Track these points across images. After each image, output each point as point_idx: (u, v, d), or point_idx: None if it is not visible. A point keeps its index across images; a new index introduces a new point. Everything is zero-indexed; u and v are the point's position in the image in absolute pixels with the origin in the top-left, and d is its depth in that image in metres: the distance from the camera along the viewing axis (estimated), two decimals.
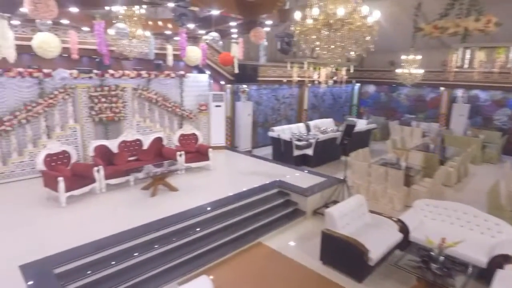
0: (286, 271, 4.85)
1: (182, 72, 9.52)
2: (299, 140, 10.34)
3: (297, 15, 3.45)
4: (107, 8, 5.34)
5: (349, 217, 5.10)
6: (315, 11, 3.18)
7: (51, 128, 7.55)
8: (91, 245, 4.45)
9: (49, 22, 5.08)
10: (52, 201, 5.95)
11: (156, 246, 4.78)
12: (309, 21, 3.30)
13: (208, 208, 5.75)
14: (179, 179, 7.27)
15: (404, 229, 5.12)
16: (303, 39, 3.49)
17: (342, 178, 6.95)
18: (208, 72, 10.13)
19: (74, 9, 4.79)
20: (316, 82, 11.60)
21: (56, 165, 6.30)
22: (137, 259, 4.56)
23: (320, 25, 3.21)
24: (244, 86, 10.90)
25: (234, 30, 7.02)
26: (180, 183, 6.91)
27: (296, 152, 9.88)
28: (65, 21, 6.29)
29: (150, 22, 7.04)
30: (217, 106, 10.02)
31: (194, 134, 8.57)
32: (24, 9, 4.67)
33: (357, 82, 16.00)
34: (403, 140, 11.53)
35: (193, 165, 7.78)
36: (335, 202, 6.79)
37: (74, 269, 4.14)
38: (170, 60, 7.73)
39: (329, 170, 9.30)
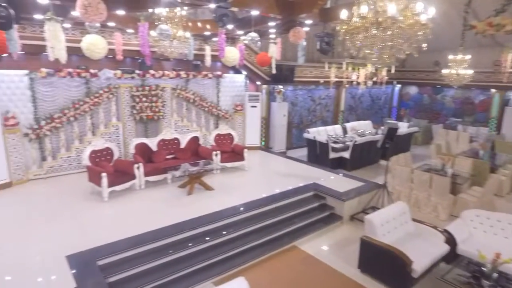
0: (323, 277, 4.70)
1: (219, 73, 9.62)
2: (335, 142, 10.07)
3: (343, 13, 3.31)
4: (150, 10, 5.50)
5: (390, 225, 4.85)
6: (364, 9, 3.03)
7: (95, 126, 7.93)
8: (130, 240, 4.58)
9: (98, 24, 5.34)
10: (95, 195, 6.23)
11: (190, 244, 4.83)
12: (356, 20, 3.15)
13: (243, 209, 5.73)
14: (214, 178, 7.34)
15: (450, 240, 4.78)
16: (349, 38, 3.34)
17: (382, 183, 6.64)
18: (244, 72, 10.16)
19: (120, 12, 4.99)
20: (354, 82, 11.24)
21: (100, 161, 6.60)
22: (173, 256, 4.63)
23: (368, 23, 3.05)
24: (280, 86, 10.81)
25: (272, 30, 6.97)
26: (215, 182, 6.97)
27: (332, 155, 9.63)
28: (111, 24, 6.57)
29: (190, 23, 7.16)
30: (252, 106, 10.01)
31: (229, 134, 8.62)
32: (76, 12, 4.93)
33: (398, 83, 15.32)
34: (448, 145, 10.85)
35: (228, 165, 7.83)
36: (373, 208, 6.52)
37: (114, 263, 4.28)
38: (208, 61, 7.83)
39: (366, 174, 8.96)
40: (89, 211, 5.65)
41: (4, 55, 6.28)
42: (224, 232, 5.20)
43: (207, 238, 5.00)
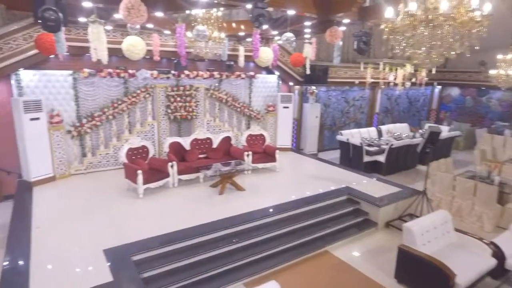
0: (356, 285, 4.53)
1: (251, 73, 9.63)
2: (369, 145, 9.74)
3: (389, 11, 3.14)
4: (187, 11, 5.59)
5: (430, 234, 4.58)
6: (413, 6, 2.85)
7: (132, 124, 8.20)
8: (164, 238, 4.66)
9: (138, 26, 5.50)
10: (131, 192, 6.43)
11: (220, 245, 4.83)
12: (403, 17, 2.98)
13: (274, 211, 5.67)
14: (245, 178, 7.33)
15: (498, 254, 4.43)
16: (394, 38, 3.17)
17: (421, 189, 6.31)
18: (277, 73, 10.09)
19: (159, 14, 5.11)
20: (391, 83, 10.81)
21: (136, 158, 6.80)
22: (204, 255, 4.66)
23: (417, 21, 2.87)
24: (313, 87, 10.63)
25: (307, 30, 6.84)
26: (246, 183, 6.95)
27: (366, 158, 9.31)
28: (149, 25, 6.75)
29: (224, 24, 7.21)
30: (285, 107, 9.92)
31: (261, 135, 8.59)
32: (118, 15, 5.11)
33: (438, 84, 14.57)
34: (494, 150, 10.14)
35: (260, 165, 7.79)
36: (411, 215, 6.22)
37: (148, 259, 4.37)
38: (241, 61, 7.85)
39: (402, 179, 8.58)
40: (125, 207, 5.83)
41: (51, 56, 6.67)
42: (255, 234, 5.16)
43: (236, 240, 4.98)
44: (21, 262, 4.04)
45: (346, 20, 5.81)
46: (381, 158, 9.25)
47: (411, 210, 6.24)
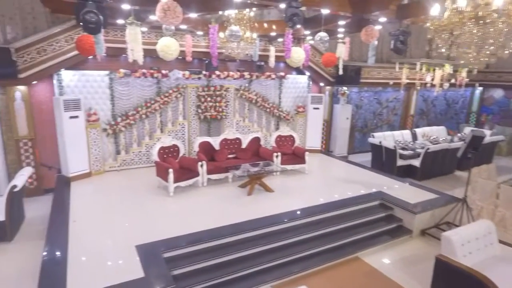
0: None
1: (282, 73, 9.55)
2: (404, 148, 9.37)
3: (435, 8, 2.96)
4: (220, 12, 5.62)
5: (472, 245, 4.29)
6: (462, 2, 2.65)
7: (164, 123, 8.38)
8: (193, 236, 4.70)
9: (173, 27, 5.60)
10: (161, 190, 6.57)
11: (249, 246, 4.80)
12: (450, 14, 2.79)
13: (304, 214, 5.57)
14: (274, 180, 7.26)
15: None
16: (439, 36, 2.98)
17: (460, 196, 5.96)
18: (307, 73, 9.95)
19: (193, 15, 5.18)
20: (428, 84, 10.33)
21: (167, 157, 6.93)
22: (233, 256, 4.64)
23: (466, 18, 2.67)
24: (344, 88, 10.37)
25: (340, 30, 6.67)
26: (275, 184, 6.89)
27: (400, 162, 8.95)
28: (183, 26, 6.87)
29: (256, 24, 7.19)
30: (315, 108, 9.75)
31: (291, 136, 8.49)
32: (154, 16, 5.23)
33: (480, 85, 13.75)
34: None
35: (289, 167, 7.69)
36: (449, 224, 5.90)
37: (178, 256, 4.42)
38: (272, 62, 7.79)
39: (438, 185, 8.16)
40: (156, 204, 5.96)
41: (90, 57, 6.96)
42: (284, 236, 5.09)
43: (264, 242, 4.93)
44: (59, 253, 4.23)
45: (382, 19, 5.59)
46: (416, 163, 8.85)
47: (449, 218, 5.91)
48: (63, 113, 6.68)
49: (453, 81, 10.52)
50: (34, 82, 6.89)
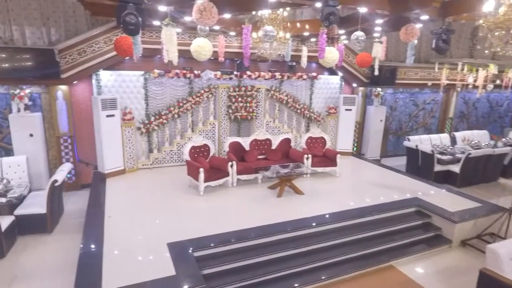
0: None
1: (314, 74, 9.38)
2: (442, 153, 8.90)
3: (489, 4, 2.74)
4: (253, 12, 5.59)
5: None
6: None
7: (195, 123, 8.50)
8: (223, 237, 4.71)
9: (207, 28, 5.65)
10: (192, 189, 6.65)
11: (278, 250, 4.73)
12: (505, 10, 2.58)
13: (333, 218, 5.42)
14: (304, 182, 7.14)
15: None
16: (493, 34, 2.77)
17: (507, 206, 5.55)
18: (340, 73, 9.71)
19: (227, 15, 5.20)
20: (470, 86, 9.74)
21: (198, 156, 7.01)
22: (261, 258, 4.59)
23: None
24: (379, 89, 10.02)
25: (377, 29, 6.43)
26: (305, 186, 6.77)
27: (438, 167, 8.51)
28: (216, 27, 6.92)
29: (288, 24, 7.10)
30: (347, 109, 9.50)
31: (322, 138, 8.31)
32: (188, 17, 5.29)
33: None
34: None
35: (319, 169, 7.52)
36: (492, 235, 5.52)
37: (207, 256, 4.44)
38: (304, 62, 7.66)
39: (480, 193, 7.69)
40: (186, 203, 6.04)
41: (127, 57, 7.17)
42: (313, 241, 4.97)
43: (292, 246, 4.84)
44: (95, 247, 4.37)
45: (424, 17, 5.31)
46: (456, 168, 8.37)
47: (493, 229, 5.52)
48: (100, 112, 6.95)
49: (498, 82, 9.84)
50: (75, 82, 7.22)
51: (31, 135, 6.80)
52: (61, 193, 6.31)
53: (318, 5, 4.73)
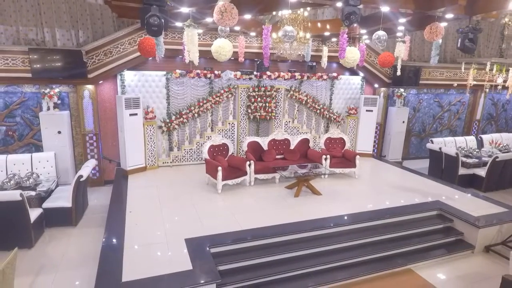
0: None
1: (334, 74, 9.31)
2: (467, 156, 8.61)
3: None
4: (274, 12, 5.63)
5: None
6: None
7: (214, 123, 8.63)
8: (239, 234, 4.79)
9: (228, 29, 5.74)
10: (210, 187, 6.76)
11: (293, 249, 4.74)
12: None
13: (350, 220, 5.37)
14: (321, 183, 7.11)
15: None
16: None
17: None
18: (361, 74, 9.57)
19: (247, 16, 5.26)
20: (499, 87, 9.36)
21: (217, 155, 7.12)
22: (275, 257, 4.62)
23: None
24: (401, 89, 9.80)
25: (400, 28, 6.31)
26: (323, 187, 6.73)
27: (462, 171, 8.23)
28: (236, 28, 7.00)
29: (309, 24, 7.08)
30: (368, 110, 9.36)
31: (341, 139, 8.23)
32: (210, 18, 5.40)
33: None
34: None
35: (338, 170, 7.47)
36: None
37: (222, 253, 4.51)
38: (324, 62, 7.62)
39: (507, 198, 7.38)
40: (204, 200, 6.15)
41: (150, 58, 7.38)
42: (329, 242, 4.95)
43: (309, 245, 4.83)
44: (117, 241, 4.55)
45: (449, 15, 5.17)
46: (482, 172, 8.07)
47: None
48: (124, 111, 7.19)
49: None
50: (100, 82, 7.50)
51: (59, 132, 7.13)
52: (86, 188, 6.58)
53: (339, 4, 4.70)
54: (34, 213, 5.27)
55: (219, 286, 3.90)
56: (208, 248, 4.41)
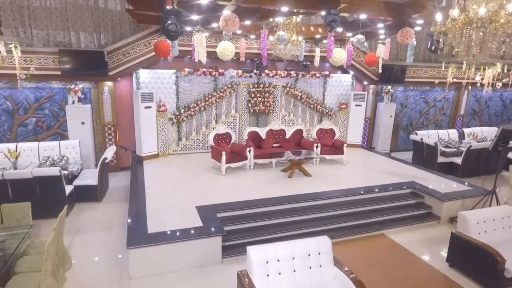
0: (408, 264, 4.94)
1: (326, 72, 10.26)
2: (447, 146, 9.53)
3: (438, 16, 3.63)
4: (270, 19, 6.58)
5: (488, 225, 4.74)
6: (456, 12, 3.30)
7: (218, 116, 9.60)
8: (240, 204, 5.76)
9: (231, 33, 6.68)
10: (215, 170, 7.74)
11: (287, 215, 5.70)
12: (448, 21, 3.44)
13: (336, 194, 6.32)
14: (313, 167, 8.07)
15: None
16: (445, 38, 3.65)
17: (490, 188, 6.25)
18: (352, 72, 10.52)
19: (247, 22, 6.21)
20: (478, 84, 10.28)
21: (221, 143, 8.10)
22: (273, 221, 5.60)
23: (460, 24, 3.36)
24: (389, 87, 10.75)
25: (382, 31, 7.23)
26: (314, 171, 7.69)
27: (441, 159, 9.16)
28: (238, 31, 7.96)
29: (303, 28, 8.04)
30: (357, 105, 10.31)
31: (331, 130, 9.19)
32: (215, 24, 6.35)
33: None
34: None
35: (328, 156, 8.43)
36: None
37: (227, 218, 5.48)
38: (317, 61, 8.56)
39: (479, 183, 8.25)
40: (210, 179, 7.14)
41: (162, 58, 8.36)
42: (318, 211, 5.91)
43: (300, 213, 5.79)
44: (140, 208, 5.52)
45: (420, 21, 6.07)
46: (458, 160, 9.00)
47: (479, 208, 6.21)
48: (140, 104, 8.18)
49: (506, 80, 10.31)
50: (118, 79, 8.48)
51: (82, 123, 8.13)
52: (107, 171, 7.56)
53: (324, 13, 5.64)
54: (68, 188, 6.26)
55: (224, 240, 4.86)
56: (216, 213, 5.38)
